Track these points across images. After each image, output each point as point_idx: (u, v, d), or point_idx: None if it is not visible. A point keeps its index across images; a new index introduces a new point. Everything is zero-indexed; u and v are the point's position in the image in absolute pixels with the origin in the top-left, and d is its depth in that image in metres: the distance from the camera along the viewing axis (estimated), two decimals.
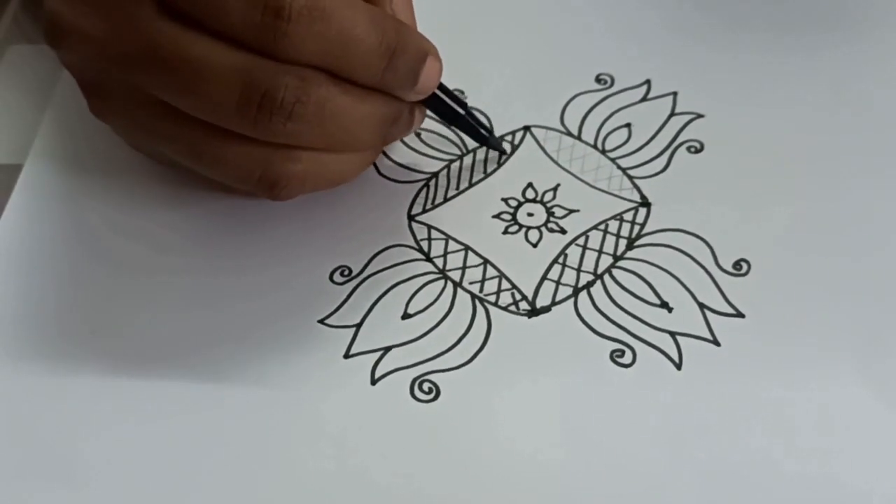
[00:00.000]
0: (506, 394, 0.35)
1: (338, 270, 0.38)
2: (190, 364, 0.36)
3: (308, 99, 0.33)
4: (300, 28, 0.32)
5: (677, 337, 0.36)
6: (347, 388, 0.35)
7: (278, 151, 0.35)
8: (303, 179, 0.36)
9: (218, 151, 0.35)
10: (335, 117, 0.34)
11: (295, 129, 0.34)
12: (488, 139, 0.41)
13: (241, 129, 0.34)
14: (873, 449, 0.33)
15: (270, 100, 0.33)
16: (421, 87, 0.36)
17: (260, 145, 0.35)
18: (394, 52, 0.34)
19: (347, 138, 0.35)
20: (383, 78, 0.35)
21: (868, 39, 0.44)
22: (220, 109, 0.33)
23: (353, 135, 0.35)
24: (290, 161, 0.35)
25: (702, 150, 0.41)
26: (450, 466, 0.33)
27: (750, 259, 0.38)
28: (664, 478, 0.33)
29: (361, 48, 0.34)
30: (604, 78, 0.44)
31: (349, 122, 0.35)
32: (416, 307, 0.37)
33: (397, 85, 0.35)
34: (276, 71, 0.33)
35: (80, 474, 0.34)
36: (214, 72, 0.33)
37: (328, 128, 0.34)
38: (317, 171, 0.36)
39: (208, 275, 0.38)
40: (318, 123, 0.34)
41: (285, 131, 0.34)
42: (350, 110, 0.34)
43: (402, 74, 0.35)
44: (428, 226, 0.40)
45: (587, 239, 0.39)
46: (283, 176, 0.35)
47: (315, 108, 0.33)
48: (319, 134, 0.34)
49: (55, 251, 0.39)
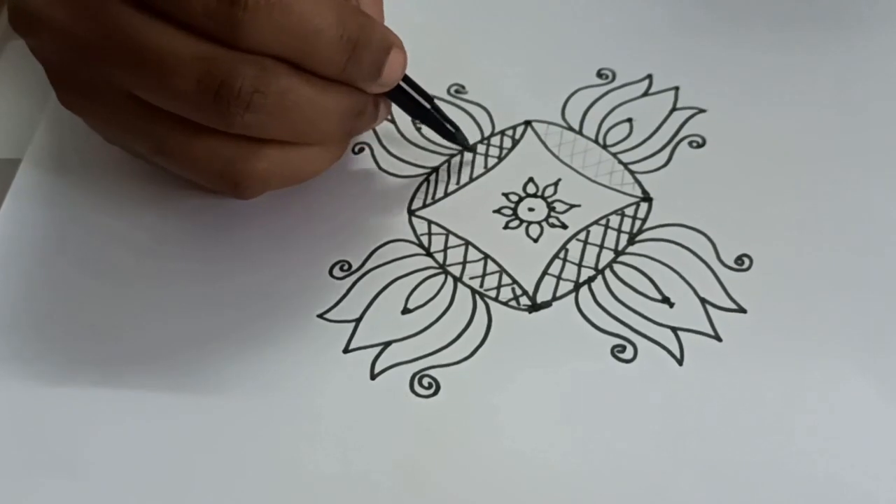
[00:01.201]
0: (506, 389, 0.35)
1: (338, 265, 0.38)
2: (190, 359, 0.36)
3: (267, 89, 0.33)
4: (258, 17, 0.32)
5: (679, 332, 0.36)
6: (347, 383, 0.35)
7: (241, 148, 0.35)
8: (267, 177, 0.35)
9: (182, 146, 0.35)
10: (297, 108, 0.34)
11: (254, 119, 0.33)
12: (455, 135, 0.40)
13: (201, 118, 0.34)
14: (876, 445, 0.33)
15: (228, 89, 0.33)
16: (385, 79, 0.36)
17: (224, 141, 0.35)
18: (356, 44, 0.34)
19: (310, 130, 0.35)
20: (346, 70, 0.34)
21: (870, 35, 0.44)
22: (179, 98, 0.33)
23: (316, 127, 0.35)
24: (254, 158, 0.35)
25: (703, 145, 0.41)
26: (450, 461, 0.33)
27: (752, 254, 0.37)
28: (665, 473, 0.33)
29: (322, 39, 0.33)
30: (605, 73, 0.44)
31: (311, 114, 0.34)
32: (416, 302, 0.37)
33: (360, 77, 0.35)
34: (235, 60, 0.33)
35: (82, 471, 0.33)
36: (173, 60, 0.33)
37: (290, 119, 0.34)
38: (281, 168, 0.36)
39: (208, 270, 0.38)
40: (279, 114, 0.34)
41: (244, 122, 0.33)
42: (312, 101, 0.34)
43: (364, 67, 0.35)
44: (428, 220, 0.39)
45: (588, 234, 0.39)
46: (246, 173, 0.35)
47: (275, 99, 0.33)
48: (281, 125, 0.34)
49: (54, 244, 0.39)
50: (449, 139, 0.40)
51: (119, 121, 0.36)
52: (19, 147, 0.43)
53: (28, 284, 0.38)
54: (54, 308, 0.37)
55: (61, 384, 0.35)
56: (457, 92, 0.43)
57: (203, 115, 0.34)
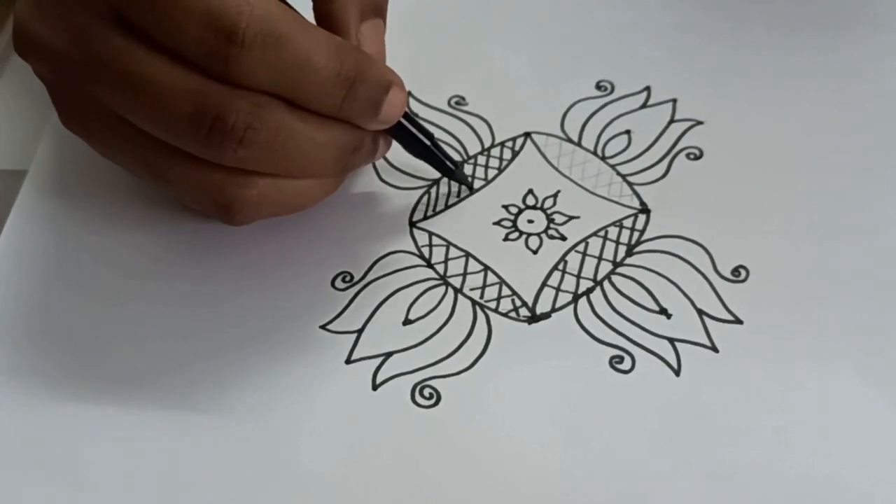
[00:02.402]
0: (506, 399, 0.35)
1: (339, 276, 0.39)
2: (192, 370, 0.36)
3: (261, 125, 0.33)
4: (253, 54, 0.32)
5: (676, 343, 0.36)
6: (349, 394, 0.35)
7: (233, 175, 0.35)
8: (258, 205, 0.35)
9: (174, 171, 0.35)
10: (290, 144, 0.34)
11: (247, 154, 0.33)
12: (455, 172, 0.40)
13: (194, 150, 0.34)
14: (872, 456, 0.33)
15: (221, 124, 0.33)
16: (384, 117, 0.36)
17: (215, 168, 0.34)
18: (353, 82, 0.34)
19: (304, 165, 0.35)
20: (342, 107, 0.34)
21: (867, 48, 0.44)
22: (173, 130, 0.33)
23: (311, 162, 0.35)
24: (246, 186, 0.35)
25: (701, 156, 0.41)
26: (450, 471, 0.33)
27: (748, 266, 0.38)
28: (663, 483, 0.33)
29: (318, 77, 0.33)
30: (604, 85, 0.44)
31: (306, 150, 0.34)
32: (417, 313, 0.37)
33: (357, 115, 0.35)
34: (229, 95, 0.33)
35: (81, 476, 0.34)
36: (167, 91, 0.33)
37: (283, 155, 0.34)
38: (274, 197, 0.36)
39: (211, 280, 0.38)
40: (272, 150, 0.34)
41: (237, 157, 0.33)
42: (306, 137, 0.34)
43: (362, 104, 0.35)
44: (429, 232, 0.40)
45: (587, 245, 0.39)
46: (238, 200, 0.35)
47: (269, 135, 0.33)
48: (274, 160, 0.34)
49: (60, 254, 0.39)
50: (449, 176, 0.40)
51: (114, 144, 0.36)
52: (26, 157, 0.43)
53: (35, 290, 0.38)
54: (60, 315, 0.38)
55: (64, 391, 0.36)
56: (457, 104, 0.44)
57: (196, 148, 0.34)
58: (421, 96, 0.44)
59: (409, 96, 0.44)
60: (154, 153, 0.35)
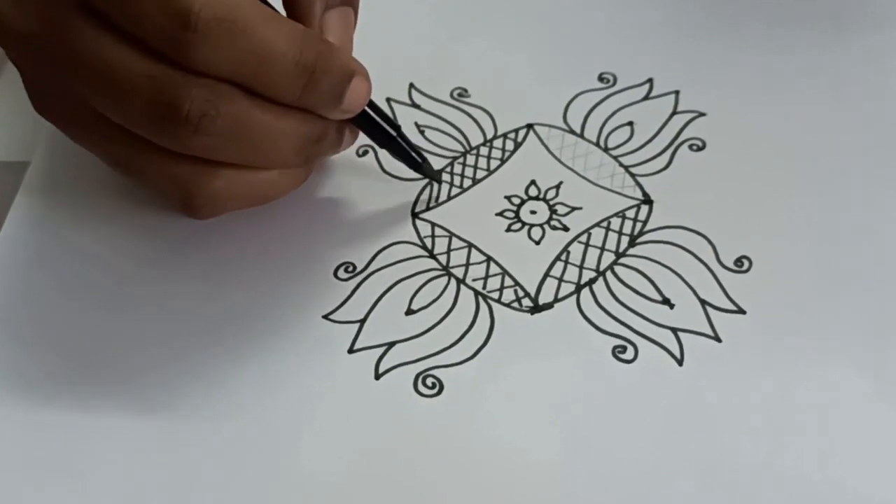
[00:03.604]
0: (508, 389, 0.35)
1: (342, 266, 0.39)
2: (195, 358, 0.36)
3: (217, 113, 0.33)
4: (208, 40, 0.32)
5: (679, 333, 0.36)
6: (351, 383, 0.35)
7: (197, 168, 0.35)
8: (221, 198, 0.35)
9: (139, 163, 0.35)
10: (250, 133, 0.34)
11: (203, 142, 0.33)
12: (421, 165, 0.39)
13: (151, 137, 0.34)
14: (874, 446, 0.33)
15: (175, 111, 0.32)
16: (346, 106, 0.35)
17: (180, 161, 0.34)
18: (314, 71, 0.34)
19: (265, 155, 0.35)
20: (303, 97, 0.34)
21: (869, 38, 0.45)
22: (131, 117, 0.33)
23: (272, 152, 0.35)
24: (207, 179, 0.35)
25: (703, 148, 0.41)
26: (452, 460, 0.33)
27: (751, 256, 0.38)
28: (665, 473, 0.33)
29: (277, 66, 0.33)
30: (606, 77, 0.44)
31: (265, 139, 0.34)
32: (419, 303, 0.37)
33: (319, 104, 0.35)
34: (185, 82, 0.33)
35: (84, 472, 0.34)
36: (125, 77, 0.33)
37: (242, 144, 0.34)
38: (237, 189, 0.35)
39: (214, 269, 0.39)
40: (230, 138, 0.33)
41: (192, 144, 0.33)
42: (266, 126, 0.34)
43: (323, 94, 0.34)
44: (432, 223, 0.40)
45: (589, 236, 0.39)
46: (199, 194, 0.35)
47: (226, 123, 0.33)
48: (232, 149, 0.34)
49: (63, 246, 0.39)
50: (415, 169, 0.40)
51: (83, 131, 0.36)
52: (29, 148, 0.43)
53: (36, 284, 0.38)
54: (62, 309, 0.38)
55: (64, 389, 0.36)
56: (460, 95, 0.44)
57: (153, 135, 0.34)
58: (424, 88, 0.44)
59: (412, 88, 0.44)
60: (119, 143, 0.35)
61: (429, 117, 0.43)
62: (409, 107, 0.44)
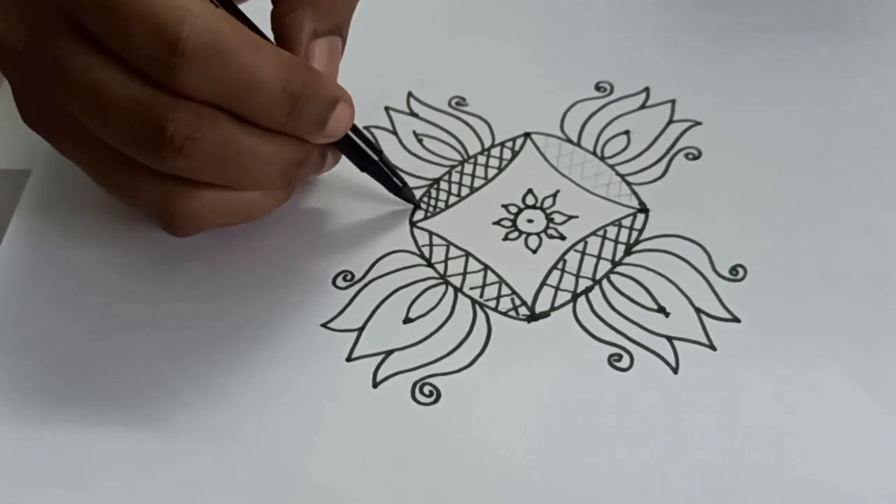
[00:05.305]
0: (505, 397, 0.35)
1: (340, 275, 0.39)
2: (192, 367, 0.36)
3: (201, 136, 0.33)
4: (195, 66, 0.32)
5: (674, 341, 0.36)
6: (349, 391, 0.36)
7: (179, 187, 0.35)
8: (202, 217, 0.36)
9: (123, 180, 0.35)
10: (234, 157, 0.34)
11: (186, 164, 0.34)
12: (402, 189, 0.40)
13: (136, 157, 0.34)
14: (869, 453, 0.33)
15: (160, 133, 0.33)
16: (330, 132, 0.36)
17: (162, 179, 0.35)
18: (299, 98, 0.34)
19: (248, 178, 0.35)
20: (287, 123, 0.34)
21: (865, 48, 0.45)
22: (116, 136, 0.34)
23: (255, 174, 0.35)
24: (189, 198, 0.35)
25: (700, 156, 0.42)
26: (450, 468, 0.34)
27: (746, 264, 0.38)
28: (660, 479, 0.33)
29: (262, 92, 0.33)
30: (603, 86, 0.44)
31: (250, 162, 0.35)
32: (417, 312, 0.38)
33: (303, 130, 0.35)
34: (170, 106, 0.33)
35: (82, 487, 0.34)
36: (112, 98, 0.33)
37: (226, 166, 0.34)
38: (219, 209, 0.36)
39: (213, 278, 0.39)
40: (213, 161, 0.34)
41: (175, 166, 0.34)
42: (251, 150, 0.34)
43: (307, 120, 0.35)
44: (429, 232, 0.40)
45: (586, 245, 0.39)
46: (180, 212, 0.35)
47: (209, 146, 0.33)
48: (217, 171, 0.34)
49: (65, 253, 0.40)
50: (395, 193, 0.40)
51: (71, 146, 0.37)
52: (31, 157, 0.43)
53: (39, 290, 0.39)
54: (64, 315, 0.38)
55: (69, 389, 0.36)
56: (457, 104, 0.44)
57: (139, 155, 0.34)
58: (421, 97, 0.44)
59: (410, 97, 0.44)
60: (104, 159, 0.35)
61: (427, 126, 0.43)
62: (408, 115, 0.44)
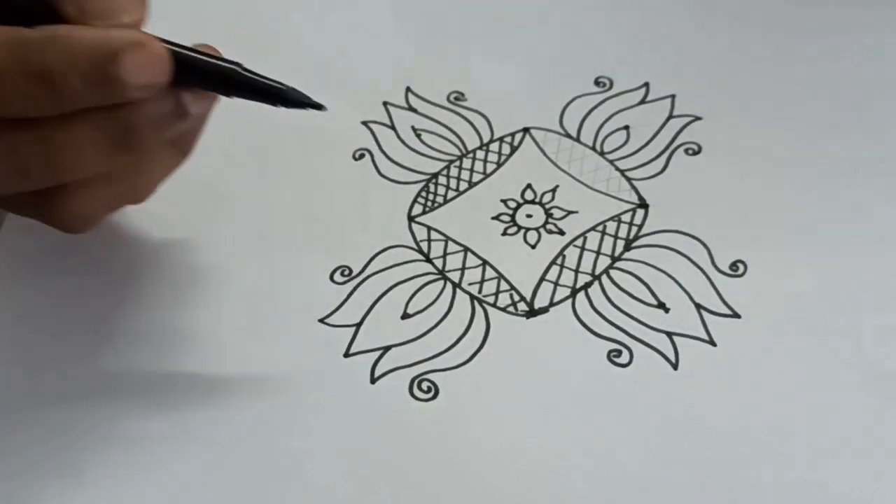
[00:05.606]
0: (504, 393, 0.35)
1: (338, 270, 0.39)
2: (191, 362, 0.36)
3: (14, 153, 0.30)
4: None
5: (674, 337, 0.36)
6: (347, 387, 0.35)
7: (42, 198, 0.32)
8: (87, 213, 0.33)
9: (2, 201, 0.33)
10: (53, 156, 0.30)
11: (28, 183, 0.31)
12: (286, 91, 0.32)
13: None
14: (868, 449, 0.33)
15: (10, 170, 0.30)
16: (135, 83, 0.29)
17: (28, 193, 0.32)
18: (52, 75, 0.29)
19: (69, 168, 0.31)
20: (63, 103, 0.30)
21: (866, 41, 0.45)
22: None
23: (76, 161, 0.31)
24: (62, 202, 0.32)
25: (699, 152, 0.42)
26: (448, 464, 0.34)
27: (746, 260, 0.38)
28: (660, 476, 0.33)
29: (5, 85, 0.29)
30: (603, 81, 0.44)
31: (70, 154, 0.30)
32: (415, 307, 0.38)
33: (95, 100, 0.30)
34: None
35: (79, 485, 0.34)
36: None
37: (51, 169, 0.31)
38: (98, 203, 0.33)
39: (210, 272, 0.39)
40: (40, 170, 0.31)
41: (23, 185, 0.31)
42: (44, 141, 0.30)
43: (88, 90, 0.29)
44: (428, 227, 0.40)
45: (585, 240, 0.39)
46: (62, 217, 0.33)
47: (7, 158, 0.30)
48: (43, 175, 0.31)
49: (62, 247, 0.40)
50: (283, 104, 0.32)
51: None
52: None
53: (38, 286, 0.39)
54: (64, 313, 0.38)
55: (65, 385, 0.36)
56: (456, 99, 0.44)
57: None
58: (421, 92, 0.44)
59: (409, 92, 0.44)
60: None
61: (425, 121, 0.43)
62: (406, 110, 0.44)
